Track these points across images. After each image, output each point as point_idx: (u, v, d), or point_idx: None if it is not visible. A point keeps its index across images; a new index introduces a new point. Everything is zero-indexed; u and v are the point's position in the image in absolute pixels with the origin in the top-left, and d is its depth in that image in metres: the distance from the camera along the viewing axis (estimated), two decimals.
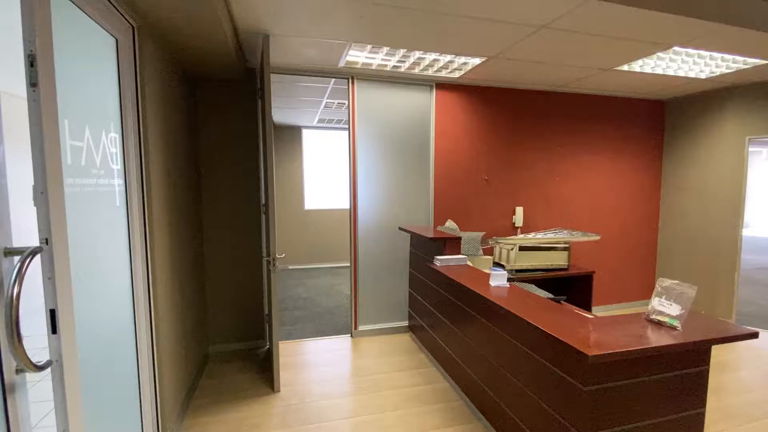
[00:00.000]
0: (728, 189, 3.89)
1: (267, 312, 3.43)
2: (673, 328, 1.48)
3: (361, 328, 3.66)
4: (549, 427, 1.63)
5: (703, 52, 2.90)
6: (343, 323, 4.00)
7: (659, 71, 3.34)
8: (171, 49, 2.38)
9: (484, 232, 3.56)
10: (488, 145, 3.88)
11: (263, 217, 3.30)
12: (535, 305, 1.79)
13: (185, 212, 2.63)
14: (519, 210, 4.00)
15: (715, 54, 2.93)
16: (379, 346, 3.45)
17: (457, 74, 3.44)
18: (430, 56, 3.01)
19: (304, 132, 6.61)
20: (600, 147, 4.26)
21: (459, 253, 2.85)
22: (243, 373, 2.96)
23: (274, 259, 2.52)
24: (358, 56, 3.02)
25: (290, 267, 6.61)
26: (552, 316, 1.64)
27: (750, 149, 3.76)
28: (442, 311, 2.80)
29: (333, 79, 3.68)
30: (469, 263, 2.90)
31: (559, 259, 3.48)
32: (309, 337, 3.66)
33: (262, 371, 2.99)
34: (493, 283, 2.13)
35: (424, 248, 3.19)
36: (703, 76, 3.49)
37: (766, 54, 2.90)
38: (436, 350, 2.95)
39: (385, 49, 2.87)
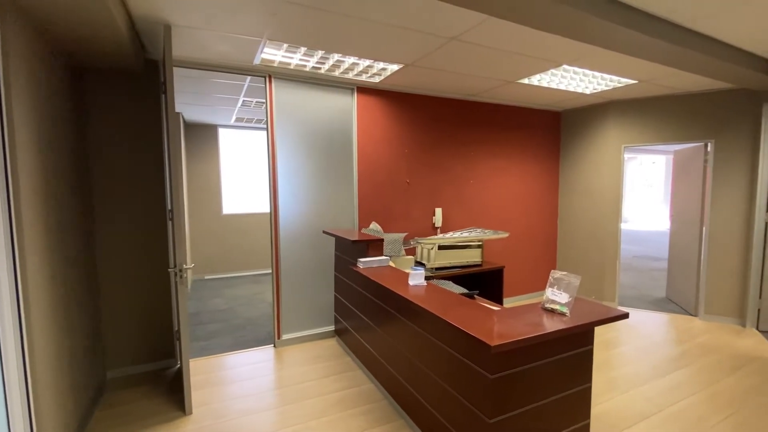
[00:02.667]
0: (610, 189, 4.51)
1: (177, 328, 3.13)
2: (563, 314, 1.66)
3: (285, 336, 3.52)
4: (462, 416, 1.72)
5: (587, 71, 3.33)
6: (266, 333, 3.81)
7: (554, 86, 3.76)
8: (51, 38, 2.05)
9: (406, 233, 3.67)
10: (409, 149, 4.01)
11: (169, 224, 3.01)
12: (449, 301, 1.88)
13: (70, 223, 2.28)
14: (438, 211, 4.20)
15: (596, 73, 3.38)
16: (305, 353, 3.36)
17: (377, 79, 3.50)
18: (350, 60, 3.02)
19: (221, 131, 6.20)
20: (508, 152, 4.66)
21: (382, 255, 2.90)
22: (149, 397, 2.66)
23: (181, 270, 2.30)
24: (274, 55, 2.91)
25: (207, 277, 6.14)
26: (462, 311, 1.73)
27: (626, 156, 4.42)
28: (366, 313, 2.82)
29: (249, 77, 3.51)
30: (391, 264, 2.96)
31: (473, 256, 3.72)
32: (227, 351, 3.43)
33: (172, 393, 2.72)
34: (411, 282, 2.20)
35: (348, 251, 3.19)
36: (588, 91, 4.00)
37: (633, 75, 3.42)
38: (362, 352, 2.96)
39: (303, 49, 2.81)
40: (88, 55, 2.44)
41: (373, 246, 2.87)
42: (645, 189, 15.27)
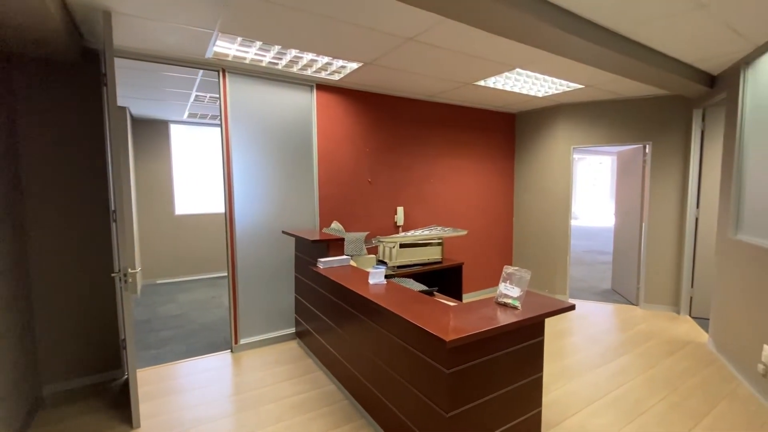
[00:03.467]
0: (560, 188, 4.76)
1: (123, 336, 2.93)
2: (515, 308, 1.73)
3: (243, 341, 3.40)
4: (421, 411, 1.74)
5: (538, 75, 3.49)
6: (223, 339, 3.67)
7: (508, 88, 3.90)
8: None
9: (368, 232, 3.66)
10: (371, 148, 4.01)
11: (113, 226, 2.82)
12: (407, 299, 1.90)
13: None
14: (400, 210, 4.24)
15: (547, 77, 3.54)
16: (264, 357, 3.26)
17: (337, 77, 3.46)
18: (308, 56, 2.96)
19: (173, 127, 5.88)
20: (467, 152, 4.79)
21: (342, 255, 2.87)
22: (91, 412, 2.47)
23: (126, 275, 2.16)
24: (228, 48, 2.80)
25: (159, 281, 5.81)
26: (420, 308, 1.76)
27: (575, 156, 4.68)
28: (326, 314, 2.78)
29: (201, 71, 3.35)
30: (352, 263, 2.95)
31: (434, 254, 3.79)
32: (181, 358, 3.26)
33: (119, 406, 2.54)
34: (371, 281, 2.20)
35: (309, 251, 3.13)
36: (540, 94, 4.19)
37: (580, 79, 3.62)
38: (323, 354, 2.92)
39: (259, 44, 2.72)
40: (18, 43, 2.22)
41: (334, 246, 2.84)
42: (593, 188, 16.27)
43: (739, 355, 2.90)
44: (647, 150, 4.40)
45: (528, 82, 3.73)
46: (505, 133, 5.17)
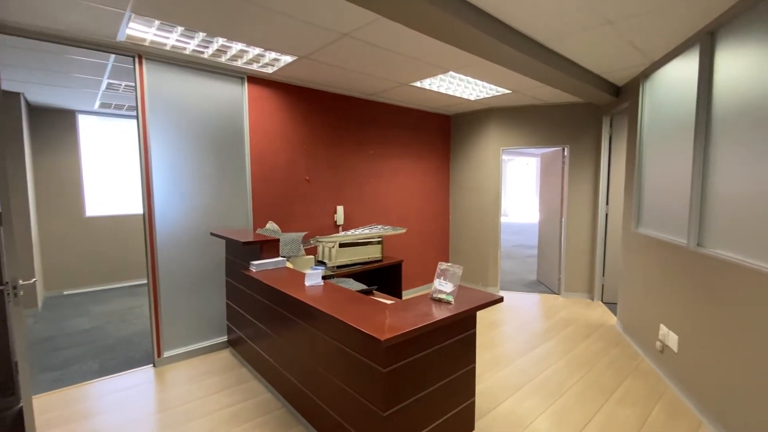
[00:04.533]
0: (491, 187, 5.03)
1: (16, 359, 2.52)
2: (449, 303, 1.77)
3: (167, 353, 3.12)
4: (358, 413, 1.72)
5: (471, 79, 3.64)
6: (144, 352, 3.33)
7: (443, 90, 4.03)
8: None
9: (306, 232, 3.56)
10: (308, 146, 3.90)
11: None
12: (344, 299, 1.87)
13: None
14: (340, 209, 4.18)
15: (479, 81, 3.72)
16: (192, 370, 3.02)
17: (270, 69, 3.31)
18: (237, 46, 2.79)
19: (81, 118, 5.22)
20: (406, 152, 4.87)
21: (278, 256, 2.75)
22: None
23: (15, 288, 1.85)
24: (144, 32, 2.53)
25: (66, 292, 5.13)
26: (356, 308, 1.73)
27: (505, 157, 4.98)
28: (261, 319, 2.64)
29: (113, 55, 3.00)
30: (289, 265, 2.84)
31: (374, 253, 3.79)
32: (93, 378, 2.90)
33: None
34: (308, 283, 2.13)
35: (240, 254, 2.95)
36: (472, 98, 4.39)
37: (507, 85, 3.85)
38: (258, 361, 2.78)
39: (181, 29, 2.50)
40: None
41: (268, 247, 2.71)
42: (521, 187, 17.53)
43: (641, 335, 3.29)
44: (566, 152, 4.81)
45: (461, 86, 3.89)
46: (442, 134, 5.35)
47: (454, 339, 1.85)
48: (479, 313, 4.33)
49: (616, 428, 2.28)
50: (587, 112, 4.63)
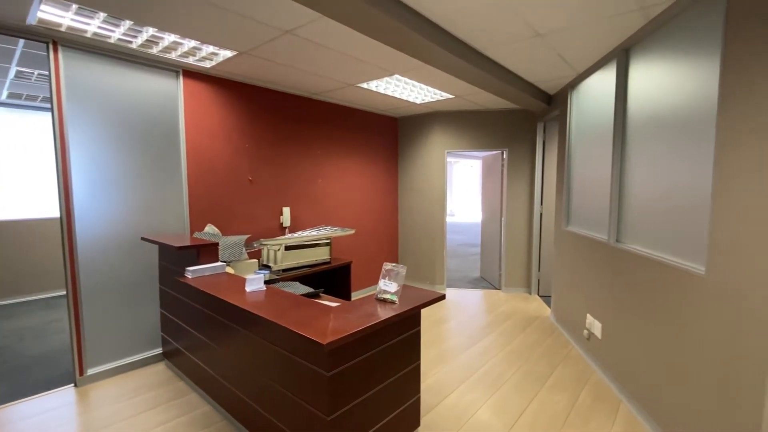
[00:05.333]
0: (437, 188, 5.19)
1: None
2: (393, 302, 1.80)
3: (91, 371, 2.84)
4: (302, 419, 1.68)
5: (416, 83, 3.72)
6: (64, 371, 3.00)
7: (389, 93, 4.08)
8: None
9: (248, 235, 3.42)
10: (251, 145, 3.75)
11: None
12: (287, 304, 1.82)
13: None
14: (286, 210, 4.07)
15: (423, 85, 3.81)
16: (121, 387, 2.77)
17: (208, 64, 3.14)
18: (170, 37, 2.61)
19: None
20: (354, 152, 4.86)
21: (216, 261, 2.61)
22: None
23: None
24: (60, 16, 2.28)
25: None
26: (299, 312, 1.69)
27: (450, 159, 5.16)
28: (199, 328, 2.50)
29: (22, 40, 2.67)
30: (230, 270, 2.71)
31: (322, 254, 3.74)
32: (0, 404, 2.55)
33: None
34: (248, 288, 2.04)
35: (175, 259, 2.77)
36: (418, 101, 4.49)
37: (450, 90, 3.99)
38: (197, 373, 2.62)
39: (103, 15, 2.29)
40: None
41: (206, 251, 2.56)
42: (467, 188, 18.27)
43: (571, 325, 3.57)
44: (504, 156, 5.09)
45: (407, 89, 3.96)
46: (390, 135, 5.41)
47: (399, 338, 1.88)
48: (427, 311, 4.44)
49: (549, 414, 2.45)
50: (523, 118, 4.93)
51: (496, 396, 2.65)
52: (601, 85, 3.02)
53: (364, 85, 3.77)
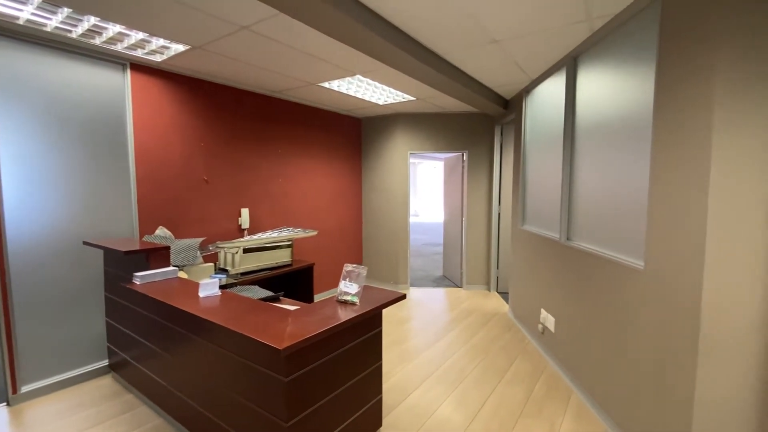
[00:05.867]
0: (400, 189, 5.24)
1: None
2: (354, 304, 1.79)
3: (26, 388, 2.60)
4: (260, 427, 1.63)
5: (378, 84, 3.73)
6: None
7: (352, 93, 4.06)
8: None
9: (204, 238, 3.27)
10: (208, 143, 3.59)
11: None
12: (243, 309, 1.76)
13: None
14: (245, 211, 3.94)
15: (385, 86, 3.83)
16: (62, 403, 2.56)
17: (158, 57, 2.97)
18: (114, 27, 2.45)
19: None
20: (316, 152, 4.79)
21: (168, 266, 2.48)
22: None
23: None
24: None
25: None
26: (256, 317, 1.65)
27: (413, 160, 5.22)
28: (149, 338, 2.36)
29: None
30: (183, 275, 2.58)
31: (283, 257, 3.66)
32: None
33: None
34: (202, 294, 1.96)
35: (122, 265, 2.60)
36: (380, 102, 4.51)
37: (412, 92, 4.04)
38: (147, 385, 2.47)
39: (37, 1, 2.10)
40: None
41: (156, 256, 2.43)
42: (430, 188, 18.59)
43: (527, 319, 3.73)
44: (465, 157, 5.23)
45: (369, 90, 3.96)
46: (353, 135, 5.39)
47: (360, 339, 1.87)
48: (391, 311, 4.47)
49: (507, 406, 2.54)
50: (482, 122, 5.09)
51: (457, 391, 2.71)
52: (552, 91, 3.18)
53: (326, 85, 3.73)
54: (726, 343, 1.59)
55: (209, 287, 1.97)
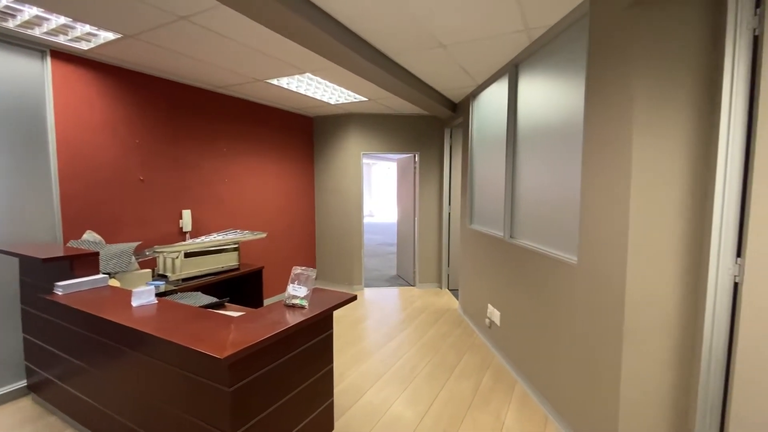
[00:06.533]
0: (354, 189, 5.22)
1: None
2: (303, 307, 1.75)
3: None
4: None
5: (329, 83, 3.69)
6: None
7: (302, 91, 3.98)
8: None
9: (139, 242, 3.04)
10: (143, 141, 3.34)
11: None
12: (183, 318, 1.65)
13: None
14: (186, 213, 3.71)
15: (336, 86, 3.79)
16: None
17: (85, 45, 2.71)
18: (31, 9, 2.20)
19: None
20: (266, 152, 4.64)
21: (97, 273, 2.27)
22: None
23: None
24: None
25: None
26: (196, 325, 1.55)
27: (368, 161, 5.22)
28: (75, 353, 2.14)
29: None
30: (114, 283, 2.38)
31: (229, 260, 3.49)
32: None
33: None
34: (135, 303, 1.81)
35: (42, 274, 2.34)
36: (332, 101, 4.46)
37: (363, 92, 4.04)
38: (73, 406, 2.24)
39: None
40: None
41: (82, 263, 2.21)
42: (385, 189, 18.74)
43: (476, 315, 3.87)
44: (416, 159, 5.33)
45: (320, 89, 3.90)
46: (304, 135, 5.28)
47: (310, 343, 1.83)
48: (345, 312, 4.43)
49: (456, 400, 2.62)
50: (433, 124, 5.22)
51: (409, 389, 2.75)
52: (496, 96, 3.33)
53: (274, 82, 3.62)
54: (647, 329, 1.75)
55: (143, 295, 1.83)
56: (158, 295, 2.47)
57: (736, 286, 1.57)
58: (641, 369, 1.77)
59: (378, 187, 18.81)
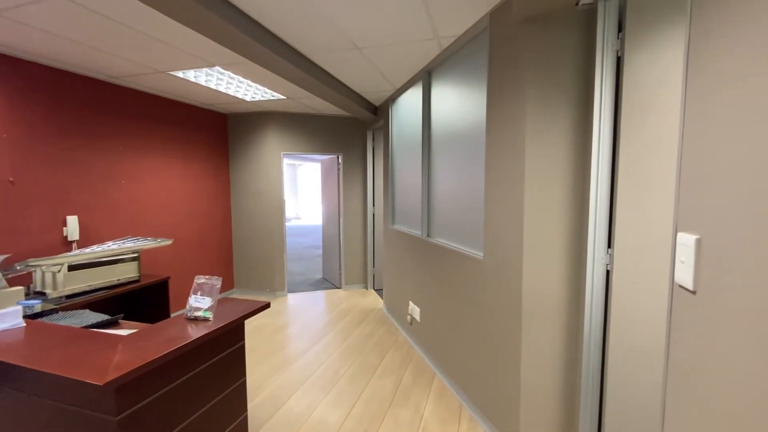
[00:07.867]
0: (273, 191, 5.02)
1: None
2: (207, 319, 1.62)
3: None
4: None
5: (242, 78, 3.49)
6: None
7: (213, 86, 3.71)
8: None
9: (7, 255, 2.56)
10: (12, 135, 2.82)
11: None
12: (58, 341, 1.42)
13: None
14: (72, 219, 3.23)
15: (251, 82, 3.60)
16: None
17: None
18: None
19: None
20: (171, 150, 4.23)
21: None
22: None
23: None
24: None
25: None
26: (74, 349, 1.35)
27: (292, 161, 5.03)
28: None
29: None
30: None
31: (127, 272, 3.11)
32: None
33: None
34: None
35: None
36: (247, 98, 4.23)
37: (281, 90, 3.90)
38: None
39: None
40: None
41: None
42: (312, 190, 18.38)
43: (398, 313, 3.97)
44: (340, 160, 5.31)
45: (233, 84, 3.68)
46: (217, 132, 4.94)
47: (218, 357, 1.71)
48: (266, 321, 4.23)
49: (378, 398, 2.65)
50: (355, 126, 5.24)
51: (332, 393, 2.71)
52: (412, 100, 3.45)
53: (180, 74, 3.32)
54: (541, 316, 1.95)
55: (5, 318, 1.53)
56: (33, 316, 2.10)
57: (608, 273, 1.81)
58: (537, 353, 1.96)
59: (305, 188, 18.38)
